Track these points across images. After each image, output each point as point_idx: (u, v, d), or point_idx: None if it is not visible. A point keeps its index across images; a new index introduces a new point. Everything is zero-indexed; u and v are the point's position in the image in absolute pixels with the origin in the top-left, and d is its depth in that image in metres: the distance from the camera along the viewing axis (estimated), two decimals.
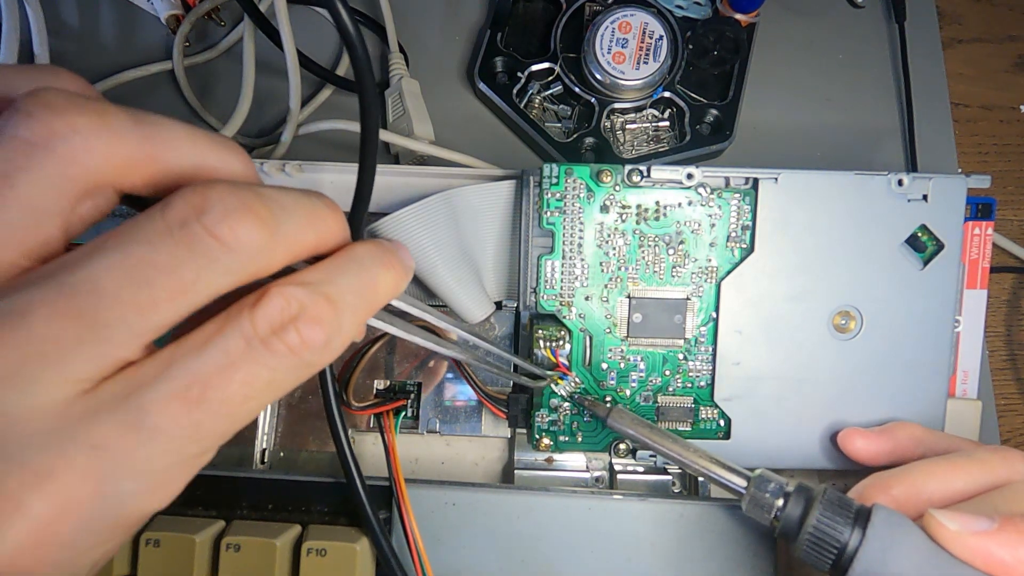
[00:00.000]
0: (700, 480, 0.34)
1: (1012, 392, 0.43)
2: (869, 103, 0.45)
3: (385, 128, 0.42)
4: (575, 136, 0.41)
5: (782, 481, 0.27)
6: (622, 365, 0.34)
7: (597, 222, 0.33)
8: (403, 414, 0.35)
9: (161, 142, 0.17)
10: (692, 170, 0.33)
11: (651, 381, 0.34)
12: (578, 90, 0.41)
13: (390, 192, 0.35)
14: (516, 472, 0.35)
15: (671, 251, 0.33)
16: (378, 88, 0.43)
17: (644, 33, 0.40)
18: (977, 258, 0.36)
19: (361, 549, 0.29)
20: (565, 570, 0.30)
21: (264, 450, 0.35)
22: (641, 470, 0.35)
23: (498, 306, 0.35)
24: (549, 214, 0.33)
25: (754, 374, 0.33)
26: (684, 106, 0.41)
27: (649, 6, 0.41)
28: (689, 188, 0.33)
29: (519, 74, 0.42)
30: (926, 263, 0.33)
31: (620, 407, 0.32)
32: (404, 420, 0.35)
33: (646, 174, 0.33)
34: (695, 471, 0.29)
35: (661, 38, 0.40)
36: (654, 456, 0.34)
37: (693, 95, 0.42)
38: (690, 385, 0.34)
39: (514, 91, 0.42)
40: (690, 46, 0.41)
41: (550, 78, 0.42)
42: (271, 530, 0.30)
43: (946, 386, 0.34)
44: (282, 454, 0.36)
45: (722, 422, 0.34)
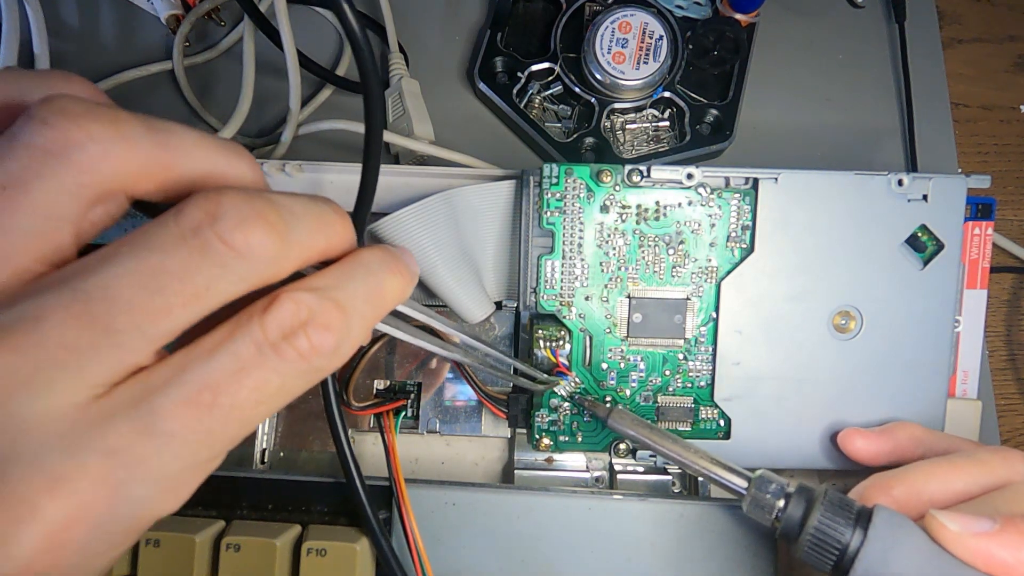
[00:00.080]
0: (700, 480, 0.34)
1: (1012, 392, 0.43)
2: (869, 103, 0.45)
3: (385, 128, 0.42)
4: (575, 136, 0.41)
5: (783, 482, 0.27)
6: (622, 365, 0.34)
7: (597, 222, 0.33)
8: (403, 414, 0.35)
9: (173, 149, 0.17)
10: (692, 170, 0.33)
11: (651, 381, 0.34)
12: (578, 90, 0.41)
13: (390, 192, 0.35)
14: (516, 472, 0.35)
15: (671, 251, 0.33)
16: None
17: (644, 33, 0.40)
18: (977, 258, 0.36)
19: (361, 549, 0.29)
20: (565, 570, 0.30)
21: (264, 450, 0.35)
22: (641, 470, 0.35)
23: (498, 306, 0.35)
24: (549, 214, 0.33)
25: (754, 374, 0.33)
26: (684, 106, 0.41)
27: (649, 6, 0.41)
28: (689, 188, 0.33)
29: (519, 74, 0.42)
30: (926, 263, 0.33)
31: (620, 408, 0.32)
32: (404, 420, 0.35)
33: (646, 174, 0.33)
34: (696, 472, 0.29)
35: (661, 38, 0.40)
36: (654, 456, 0.34)
37: (693, 95, 0.42)
38: (690, 385, 0.34)
39: (514, 91, 0.42)
40: (690, 46, 0.41)
41: (550, 78, 0.42)
42: (271, 530, 0.30)
43: (946, 386, 0.34)
44: (282, 454, 0.36)
45: (722, 422, 0.34)
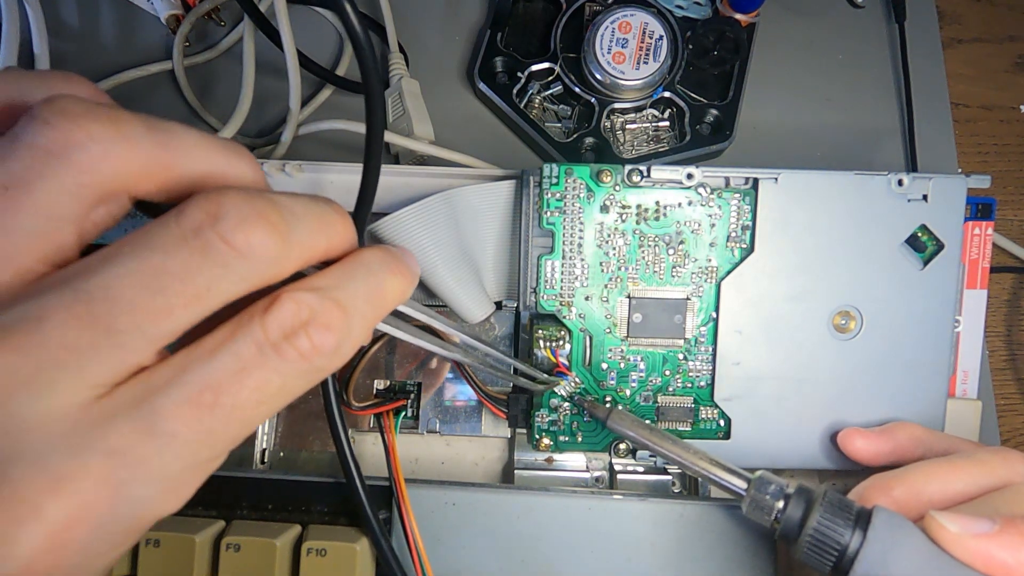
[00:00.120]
0: (700, 480, 0.34)
1: (1012, 392, 0.43)
2: (869, 103, 0.45)
3: (385, 128, 0.41)
4: (575, 136, 0.41)
5: (782, 483, 0.27)
6: (622, 365, 0.34)
7: (597, 222, 0.33)
8: (403, 414, 0.35)
9: (174, 149, 0.17)
10: (692, 170, 0.33)
11: (651, 381, 0.34)
12: (578, 90, 0.41)
13: (390, 192, 0.35)
14: (516, 472, 0.35)
15: (671, 251, 0.33)
16: None
17: (644, 33, 0.40)
18: (977, 258, 0.36)
19: (361, 549, 0.29)
20: (565, 570, 0.30)
21: (264, 450, 0.35)
22: (641, 470, 0.35)
23: (498, 306, 0.35)
24: (549, 214, 0.33)
25: (754, 374, 0.33)
26: (684, 106, 0.41)
27: (649, 6, 0.41)
28: (689, 188, 0.33)
29: (519, 74, 0.42)
30: (926, 263, 0.33)
31: (620, 409, 0.32)
32: (404, 420, 0.35)
33: (646, 174, 0.33)
34: (695, 473, 0.29)
35: (661, 38, 0.40)
36: (654, 456, 0.34)
37: (693, 95, 0.42)
38: (690, 385, 0.34)
39: (514, 91, 0.42)
40: (690, 46, 0.41)
41: (550, 78, 0.42)
42: (271, 530, 0.30)
43: (946, 386, 0.34)
44: (282, 454, 0.36)
45: (722, 422, 0.34)
